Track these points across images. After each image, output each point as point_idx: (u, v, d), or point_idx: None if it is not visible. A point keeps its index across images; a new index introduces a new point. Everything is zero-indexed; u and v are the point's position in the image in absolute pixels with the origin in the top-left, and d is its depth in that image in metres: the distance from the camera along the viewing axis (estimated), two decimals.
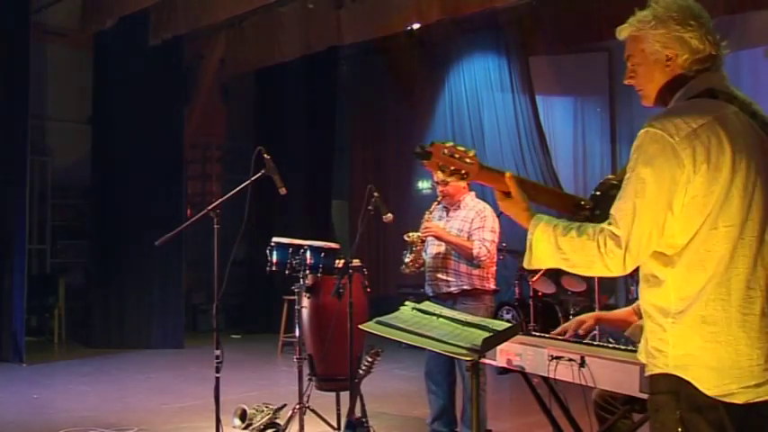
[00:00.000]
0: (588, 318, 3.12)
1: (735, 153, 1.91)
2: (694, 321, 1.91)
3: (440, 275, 4.63)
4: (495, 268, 4.72)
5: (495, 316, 7.30)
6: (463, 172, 2.09)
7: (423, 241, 4.67)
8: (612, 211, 1.95)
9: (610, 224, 1.93)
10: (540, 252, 2.04)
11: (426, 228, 4.60)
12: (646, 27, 2.05)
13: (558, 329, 3.11)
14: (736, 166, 1.91)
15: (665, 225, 1.90)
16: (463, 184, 4.45)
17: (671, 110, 2.01)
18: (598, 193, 2.18)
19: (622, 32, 2.13)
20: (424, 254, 4.72)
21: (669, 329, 1.95)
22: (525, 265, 2.09)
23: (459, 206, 4.67)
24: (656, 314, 1.98)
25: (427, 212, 4.68)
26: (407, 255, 4.67)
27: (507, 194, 2.14)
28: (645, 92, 2.12)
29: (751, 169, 1.93)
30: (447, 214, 4.72)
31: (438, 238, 4.61)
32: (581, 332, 2.96)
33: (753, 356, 1.89)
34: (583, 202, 2.19)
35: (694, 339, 1.91)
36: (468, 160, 2.09)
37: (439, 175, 2.16)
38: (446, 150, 2.08)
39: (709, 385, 1.89)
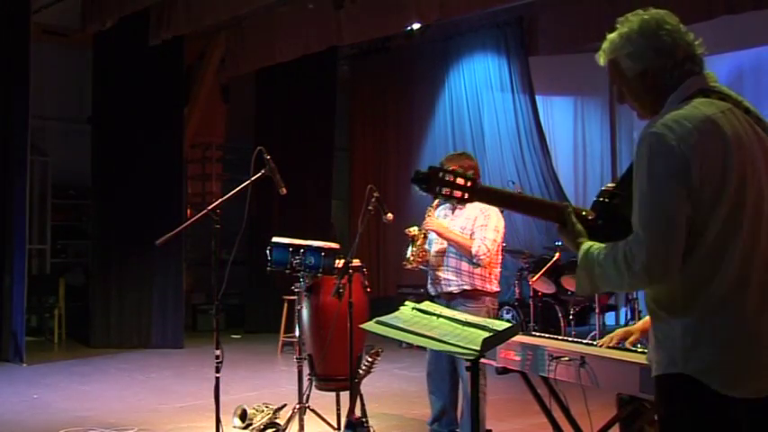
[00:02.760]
0: (635, 330, 3.02)
1: (734, 149, 1.93)
2: (702, 318, 1.92)
3: (440, 274, 4.61)
4: (499, 269, 4.66)
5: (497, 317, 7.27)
6: (462, 195, 2.10)
7: (425, 236, 4.65)
8: (632, 220, 1.96)
9: (633, 232, 1.94)
10: (584, 278, 2.07)
11: (427, 224, 4.59)
12: (617, 49, 2.13)
13: (605, 339, 3.03)
14: (735, 162, 1.93)
15: (684, 223, 1.90)
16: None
17: (667, 113, 2.02)
18: (601, 199, 2.18)
19: (600, 60, 2.20)
20: (428, 248, 4.70)
21: (676, 327, 1.95)
22: (579, 292, 2.15)
23: (464, 204, 4.63)
24: (663, 312, 1.99)
25: (430, 207, 4.65)
26: (409, 249, 4.65)
27: (561, 226, 2.18)
28: (637, 108, 2.18)
29: (750, 164, 1.95)
30: (453, 212, 4.70)
31: (438, 234, 4.60)
32: (627, 345, 2.91)
33: (761, 352, 1.90)
34: (585, 213, 2.19)
35: (702, 336, 1.92)
36: (468, 183, 2.10)
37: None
38: (443, 174, 2.09)
39: (719, 382, 1.89)
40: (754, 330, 1.91)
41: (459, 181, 2.10)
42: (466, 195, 2.11)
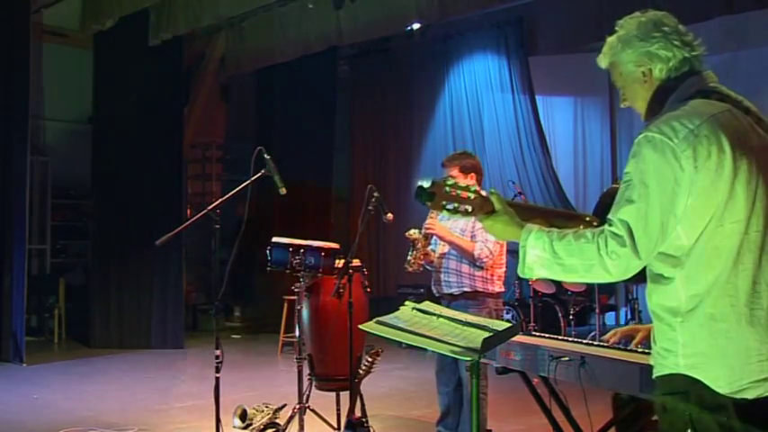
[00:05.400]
0: (642, 329, 3.00)
1: (735, 150, 1.92)
2: (704, 319, 1.92)
3: (442, 276, 4.60)
4: (502, 270, 4.62)
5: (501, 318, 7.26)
6: (467, 208, 2.09)
7: (426, 238, 4.64)
8: (613, 215, 1.94)
9: (611, 225, 1.93)
10: (534, 259, 2.03)
11: (428, 226, 4.58)
12: (617, 52, 2.15)
13: (609, 334, 3.01)
14: (737, 162, 1.92)
15: (668, 229, 1.91)
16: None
17: (666, 114, 2.02)
18: (600, 204, 2.18)
19: (602, 62, 2.23)
20: (433, 252, 4.68)
21: (679, 329, 1.95)
22: (520, 273, 2.08)
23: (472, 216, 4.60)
24: (666, 314, 1.98)
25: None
26: (410, 252, 4.64)
27: (489, 213, 2.13)
28: (638, 110, 2.18)
29: (752, 164, 1.94)
30: None
31: (440, 237, 4.60)
32: (633, 345, 2.90)
33: (762, 351, 1.90)
34: (588, 218, 2.18)
35: (704, 337, 1.92)
36: (471, 196, 2.09)
37: (445, 213, 2.16)
38: (448, 188, 2.08)
39: (720, 383, 1.89)
40: (755, 331, 1.90)
41: (464, 194, 2.09)
42: (470, 209, 2.10)
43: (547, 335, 3.45)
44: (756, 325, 1.90)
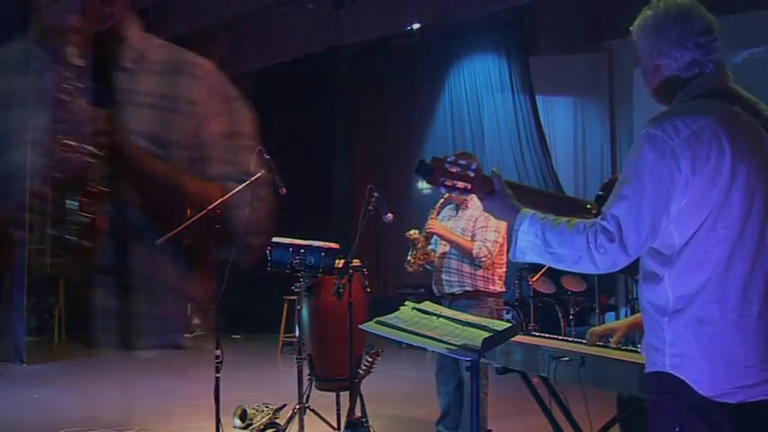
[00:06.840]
0: (619, 327, 3.01)
1: (735, 155, 1.91)
2: (691, 321, 1.92)
3: (443, 275, 4.61)
4: (503, 269, 4.64)
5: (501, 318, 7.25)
6: (466, 186, 2.08)
7: (426, 238, 4.64)
8: (606, 209, 1.94)
9: (603, 219, 1.92)
10: (526, 244, 2.01)
11: (429, 226, 4.58)
12: (640, 34, 2.12)
13: (590, 340, 3.01)
14: (736, 168, 1.90)
15: (659, 228, 1.90)
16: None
17: (671, 111, 2.01)
18: (602, 193, 2.17)
19: (633, 35, 2.18)
20: (433, 252, 4.69)
21: (666, 328, 1.95)
22: (511, 257, 2.09)
23: (466, 205, 4.64)
24: (654, 312, 1.99)
25: (432, 209, 4.65)
26: (410, 252, 4.65)
27: (489, 193, 2.11)
28: (649, 90, 2.17)
29: (752, 171, 1.93)
30: (457, 213, 4.70)
31: (440, 236, 4.60)
32: (612, 344, 2.89)
33: (748, 358, 1.89)
34: (589, 206, 2.18)
35: (690, 339, 1.92)
36: (470, 173, 2.08)
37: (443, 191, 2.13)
38: (448, 165, 2.07)
39: (703, 385, 1.89)
40: (742, 337, 1.90)
41: (463, 172, 2.08)
42: (469, 186, 2.09)
43: (547, 335, 3.45)
44: (744, 331, 1.90)
